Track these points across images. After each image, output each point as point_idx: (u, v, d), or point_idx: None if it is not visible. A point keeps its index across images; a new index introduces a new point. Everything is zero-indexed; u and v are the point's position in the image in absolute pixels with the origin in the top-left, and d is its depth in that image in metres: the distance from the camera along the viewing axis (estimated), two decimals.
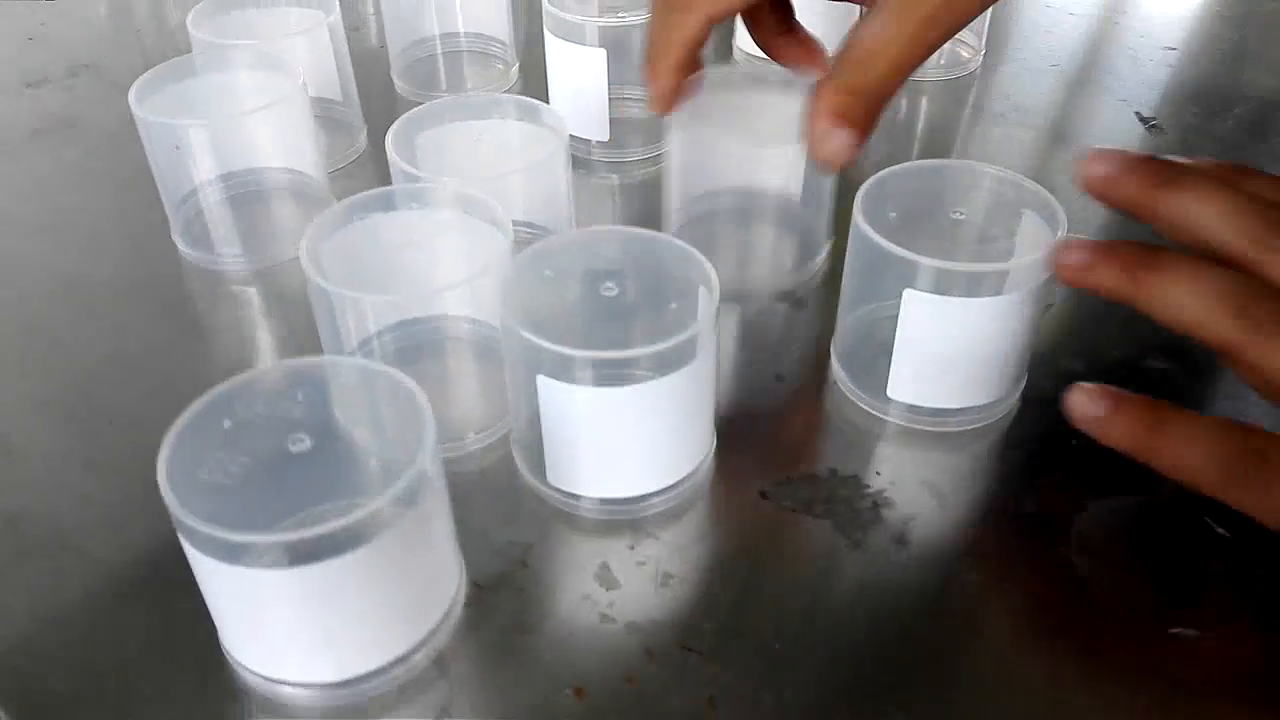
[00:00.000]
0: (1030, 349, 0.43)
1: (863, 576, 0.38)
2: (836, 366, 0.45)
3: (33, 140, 0.61)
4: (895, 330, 0.41)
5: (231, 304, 0.50)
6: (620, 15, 0.57)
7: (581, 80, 0.57)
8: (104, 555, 0.38)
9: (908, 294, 0.39)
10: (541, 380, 0.36)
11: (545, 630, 0.36)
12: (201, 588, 0.32)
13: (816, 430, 0.44)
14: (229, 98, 0.51)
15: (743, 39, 0.66)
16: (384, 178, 0.50)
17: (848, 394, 0.44)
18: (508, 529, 0.39)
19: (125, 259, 0.52)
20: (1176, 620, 0.36)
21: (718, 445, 0.42)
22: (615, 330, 0.38)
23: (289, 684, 0.33)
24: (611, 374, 0.36)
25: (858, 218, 0.41)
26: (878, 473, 0.41)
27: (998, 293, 0.39)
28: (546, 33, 0.57)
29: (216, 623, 0.34)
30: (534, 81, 0.65)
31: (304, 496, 0.31)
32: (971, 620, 0.36)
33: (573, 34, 0.56)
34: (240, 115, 0.50)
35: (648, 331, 0.38)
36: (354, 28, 0.72)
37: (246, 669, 0.34)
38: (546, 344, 0.35)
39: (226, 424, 0.33)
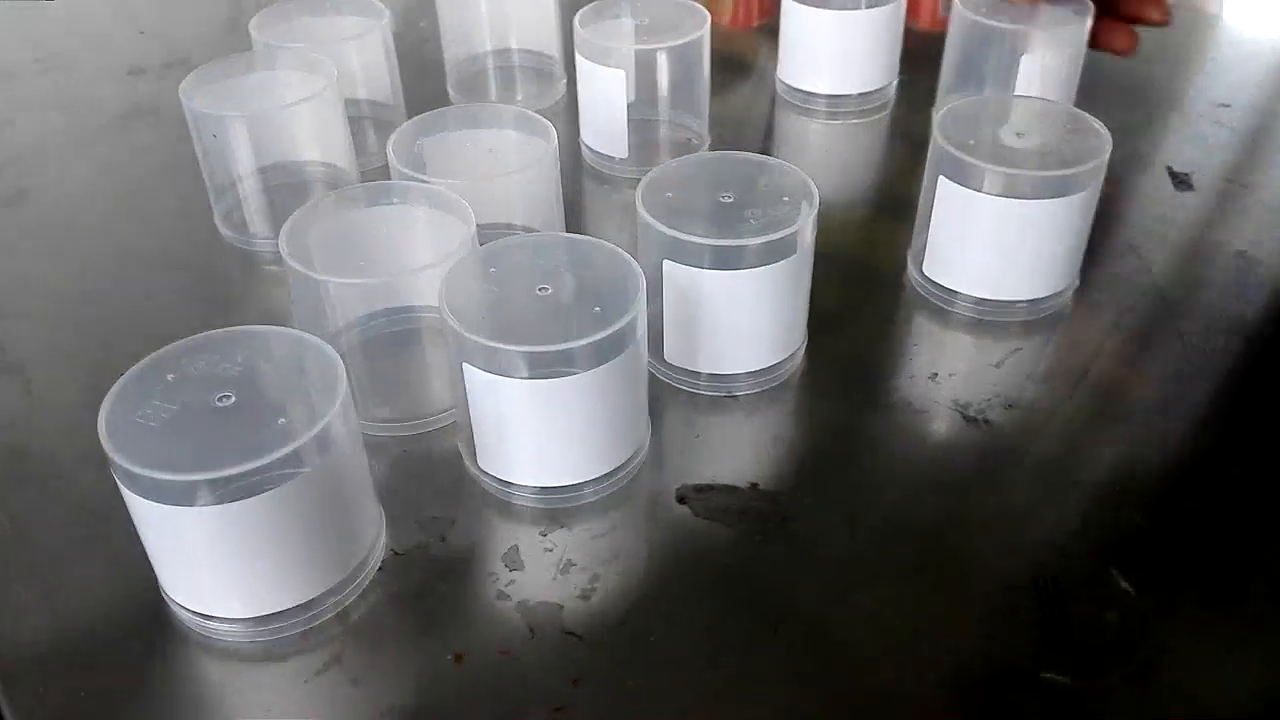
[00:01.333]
0: None
1: (754, 589, 0.39)
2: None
3: (121, 123, 0.68)
4: None
5: (258, 281, 0.55)
6: (644, 40, 0.60)
7: (604, 99, 0.60)
8: (87, 489, 0.43)
9: None
10: (468, 370, 0.39)
11: (444, 599, 0.39)
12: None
13: (749, 443, 0.45)
14: (269, 93, 0.56)
15: (785, 71, 0.68)
16: None
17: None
18: (436, 505, 0.42)
19: (171, 235, 0.58)
20: (1053, 666, 0.36)
21: (654, 445, 0.44)
22: (547, 326, 0.41)
23: (192, 612, 0.37)
24: (540, 368, 0.38)
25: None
26: (798, 492, 0.43)
27: None
28: (576, 53, 0.60)
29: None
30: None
31: (223, 446, 0.35)
32: (850, 636, 0.38)
33: (598, 55, 0.59)
34: (275, 108, 0.54)
35: (577, 329, 0.41)
36: (422, 40, 0.77)
37: (171, 600, 0.38)
38: (472, 335, 0.38)
39: (170, 377, 0.37)
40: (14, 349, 0.50)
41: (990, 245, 0.49)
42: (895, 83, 0.69)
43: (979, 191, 0.47)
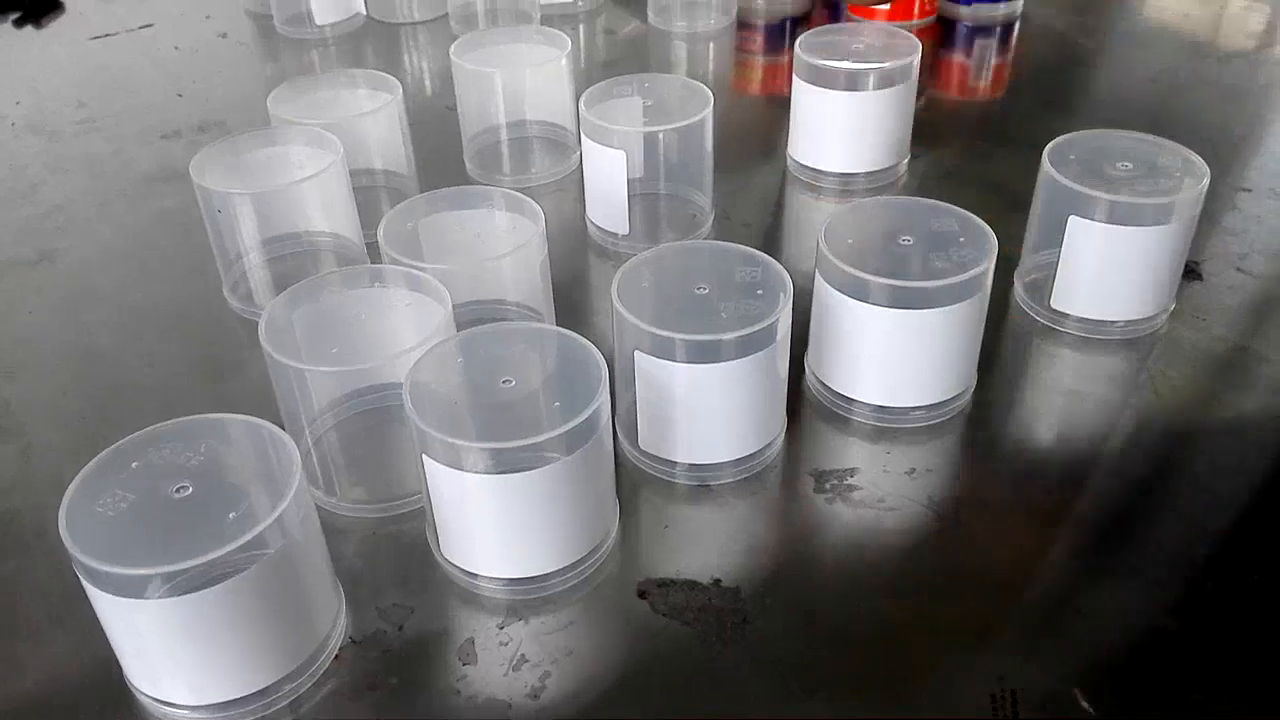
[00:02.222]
0: None
1: (704, 694, 0.39)
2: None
3: (146, 186, 0.70)
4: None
5: (258, 355, 0.56)
6: (650, 120, 0.61)
7: (607, 178, 0.61)
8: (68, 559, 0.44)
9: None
10: (428, 462, 0.40)
11: (395, 693, 0.39)
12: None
13: (718, 535, 0.45)
14: (277, 169, 0.58)
15: (796, 149, 0.68)
16: None
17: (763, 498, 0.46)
18: (399, 591, 0.43)
19: (179, 300, 0.60)
20: None
21: (622, 537, 0.44)
22: (508, 421, 0.41)
23: (149, 697, 0.38)
24: (499, 463, 0.39)
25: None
26: (760, 590, 0.42)
27: None
28: (581, 132, 0.61)
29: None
30: None
31: (177, 538, 0.36)
32: None
33: (601, 136, 0.60)
34: (279, 186, 0.56)
35: (538, 424, 0.41)
36: (449, 106, 0.78)
37: (130, 683, 0.39)
38: (431, 430, 0.39)
39: (134, 465, 0.38)
40: (19, 411, 0.52)
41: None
42: (906, 161, 0.68)
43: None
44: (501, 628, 0.41)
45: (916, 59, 0.64)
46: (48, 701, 0.39)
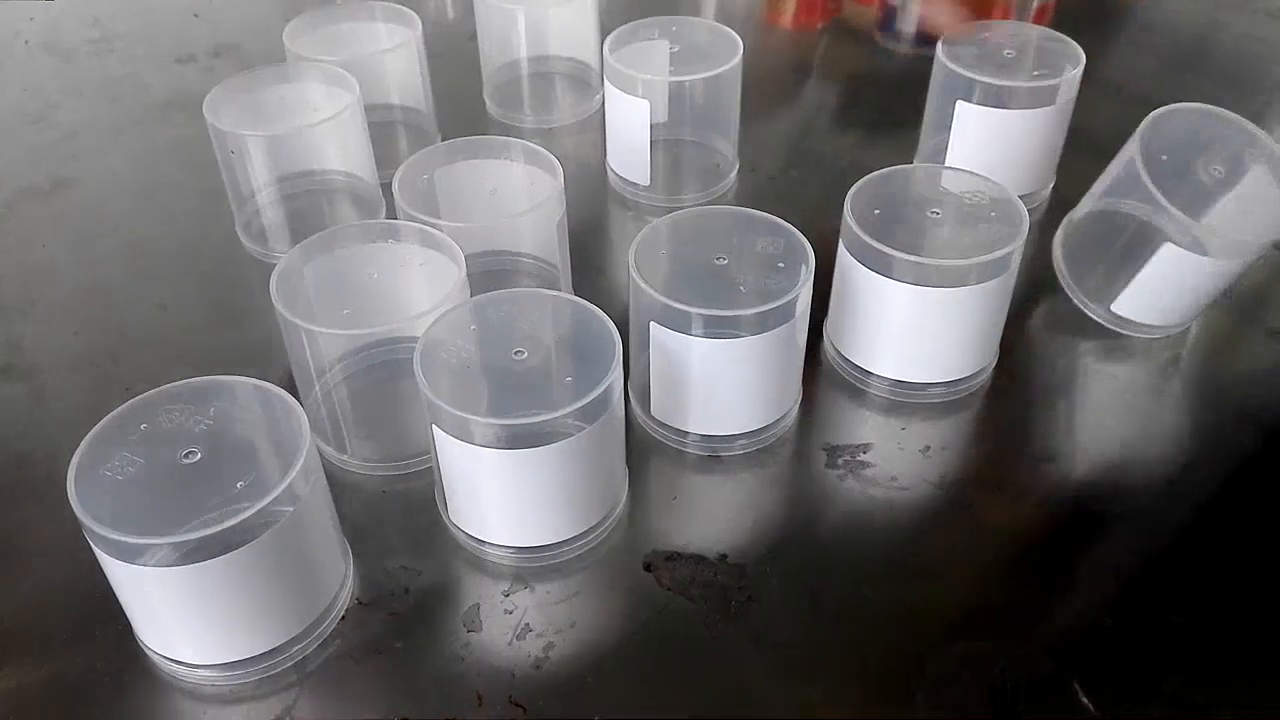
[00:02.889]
0: None
1: (704, 672, 0.39)
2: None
3: (161, 113, 0.69)
4: None
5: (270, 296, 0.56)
6: (676, 68, 0.59)
7: (629, 126, 0.59)
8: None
9: None
10: (438, 433, 0.40)
11: (400, 656, 0.40)
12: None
13: (726, 509, 0.45)
14: (292, 109, 0.56)
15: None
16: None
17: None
18: (406, 553, 0.43)
19: (193, 237, 0.59)
20: None
21: (631, 505, 0.44)
22: (520, 395, 0.41)
23: (157, 654, 0.38)
24: (510, 439, 0.39)
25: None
26: (766, 567, 0.42)
27: None
28: (605, 77, 0.59)
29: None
30: None
31: (184, 506, 0.36)
32: None
33: (625, 84, 0.58)
34: (295, 128, 0.55)
35: (550, 398, 0.41)
36: (469, 36, 0.76)
37: (141, 643, 0.39)
38: (442, 403, 0.39)
39: (143, 427, 0.38)
40: (32, 350, 0.52)
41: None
42: None
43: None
44: (507, 595, 0.42)
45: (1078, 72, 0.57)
46: (60, 655, 0.40)
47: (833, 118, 0.65)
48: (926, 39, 0.83)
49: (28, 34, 0.78)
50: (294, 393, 0.45)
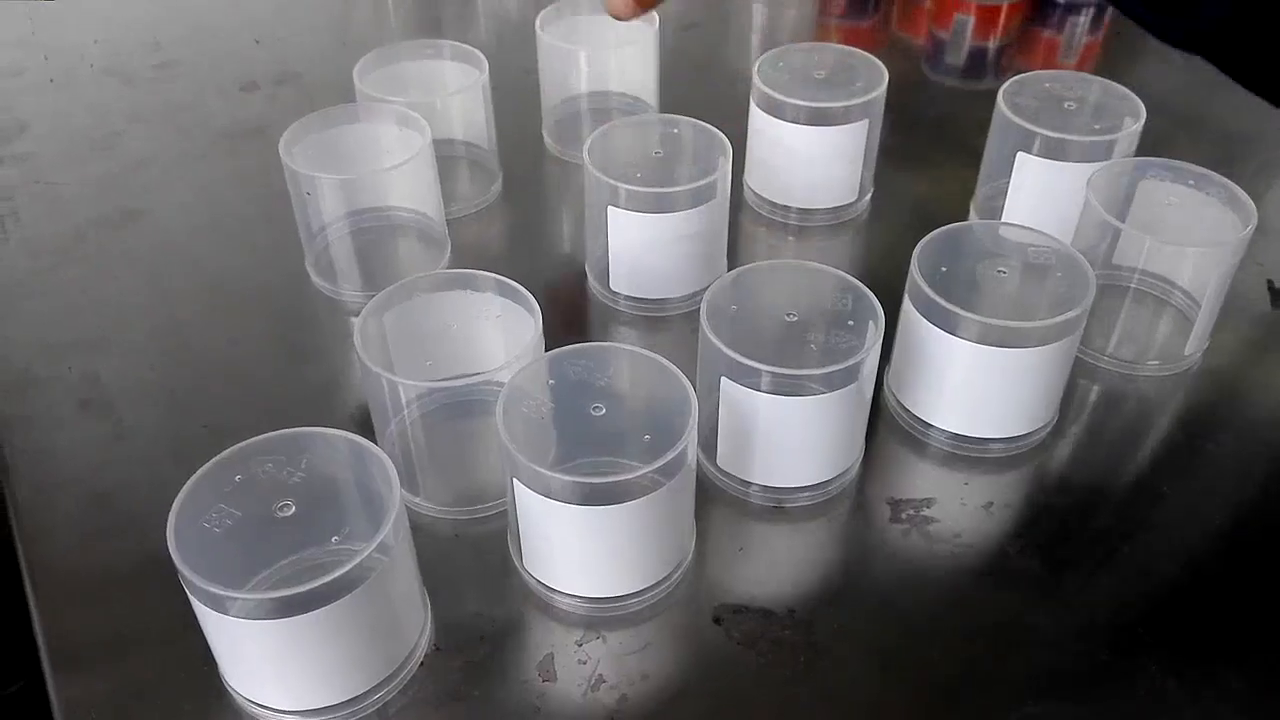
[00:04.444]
0: None
1: None
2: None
3: (228, 143, 0.70)
4: None
5: (340, 333, 0.57)
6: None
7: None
8: (160, 544, 0.45)
9: None
10: (518, 486, 0.41)
11: (477, 704, 0.41)
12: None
13: (792, 562, 0.46)
14: (366, 150, 0.57)
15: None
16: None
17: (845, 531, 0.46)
18: (481, 599, 0.44)
19: (262, 272, 0.60)
20: None
21: (698, 556, 0.45)
22: (599, 452, 0.42)
23: (243, 697, 0.40)
24: (589, 498, 0.40)
25: None
26: (833, 624, 0.43)
27: None
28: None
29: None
30: None
31: (278, 560, 0.37)
32: None
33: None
34: (370, 172, 0.56)
35: (628, 457, 0.42)
36: (526, 70, 0.77)
37: (227, 686, 0.40)
38: (525, 459, 0.40)
39: (237, 478, 0.39)
40: (110, 386, 0.53)
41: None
42: None
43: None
44: (580, 645, 0.43)
45: None
46: (149, 695, 0.41)
47: (887, 155, 0.66)
48: (974, 72, 0.84)
49: (91, 56, 0.79)
50: (369, 433, 0.47)
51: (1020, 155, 0.57)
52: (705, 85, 0.77)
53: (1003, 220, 0.59)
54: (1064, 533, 0.47)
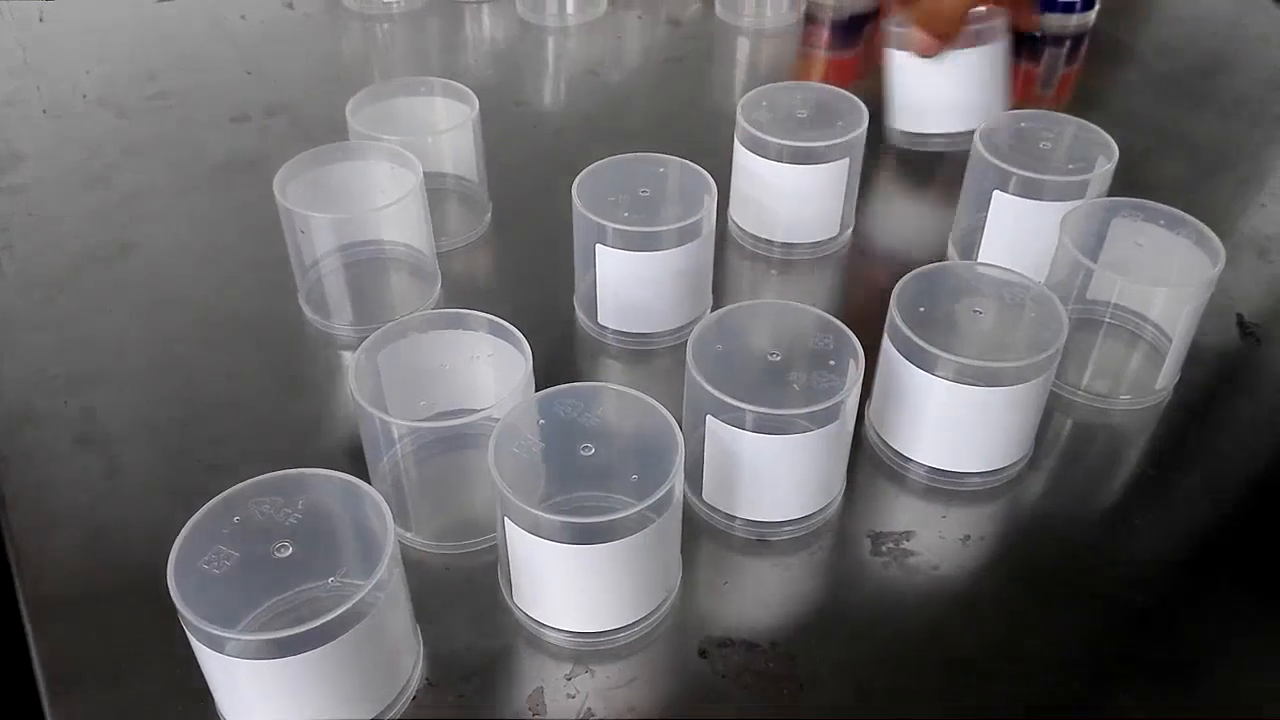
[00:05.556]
0: None
1: None
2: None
3: (221, 176, 0.71)
4: None
5: (332, 367, 0.58)
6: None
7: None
8: (155, 578, 0.46)
9: None
10: (509, 524, 0.42)
11: None
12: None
13: (776, 595, 0.47)
14: (359, 187, 0.59)
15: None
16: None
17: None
18: (471, 633, 0.45)
19: (256, 305, 0.61)
20: None
21: (684, 588, 0.46)
22: (587, 491, 0.43)
23: None
24: (580, 536, 0.41)
25: None
26: (815, 655, 0.44)
27: None
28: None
29: None
30: None
31: (274, 595, 0.38)
32: None
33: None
34: (363, 211, 0.57)
35: (616, 496, 0.43)
36: (514, 103, 0.79)
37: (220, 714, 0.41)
38: (516, 500, 0.41)
39: (235, 519, 0.40)
40: (104, 420, 0.54)
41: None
42: None
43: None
44: (569, 679, 0.44)
45: None
46: None
47: (869, 188, 0.67)
48: None
49: (85, 87, 0.80)
50: (361, 465, 0.48)
51: (996, 194, 0.59)
52: (691, 119, 0.79)
53: (979, 256, 0.61)
54: (1039, 564, 0.48)
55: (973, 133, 0.60)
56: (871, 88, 0.83)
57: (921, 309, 0.50)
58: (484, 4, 0.91)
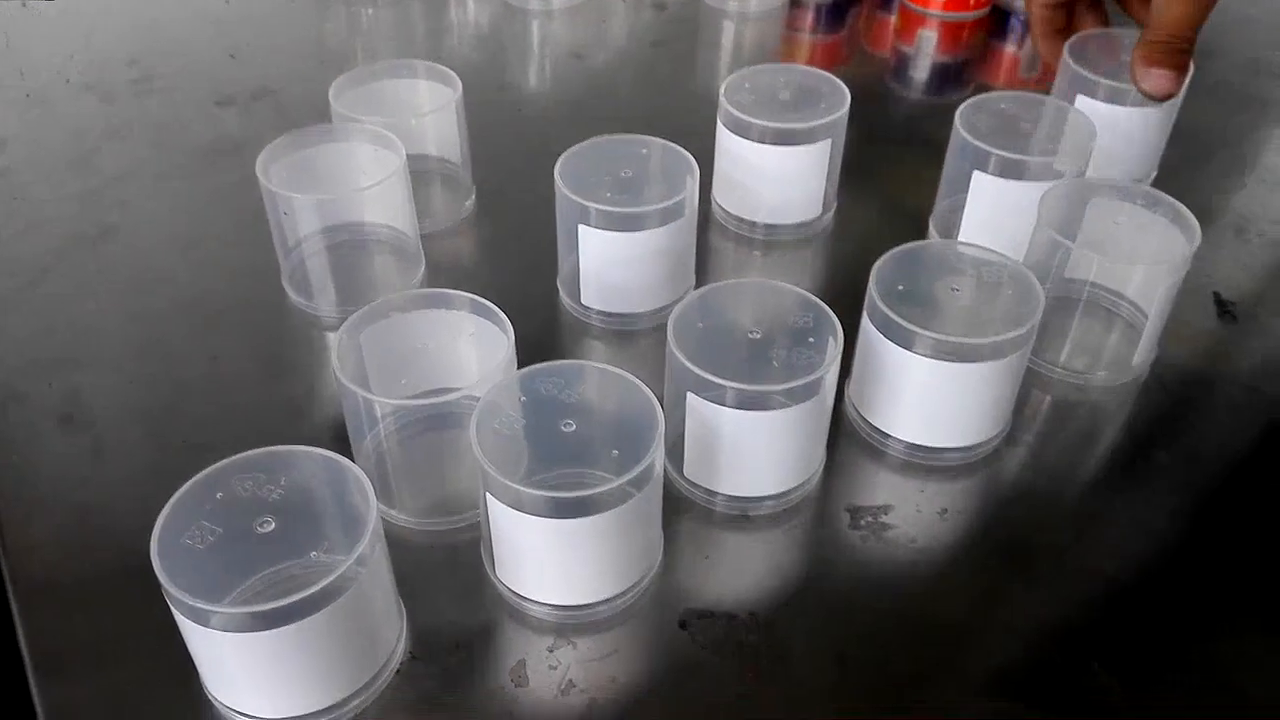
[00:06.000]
0: None
1: None
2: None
3: (205, 159, 0.71)
4: None
5: (317, 348, 0.59)
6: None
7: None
8: (142, 557, 0.47)
9: None
10: (491, 499, 0.42)
11: (452, 710, 0.42)
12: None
13: (755, 568, 0.48)
14: (342, 169, 0.59)
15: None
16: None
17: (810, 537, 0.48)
18: (455, 608, 0.46)
19: (239, 287, 0.61)
20: None
21: (666, 563, 0.47)
22: (569, 466, 0.44)
23: (224, 705, 0.41)
24: (560, 511, 0.41)
25: None
26: (794, 626, 0.45)
27: None
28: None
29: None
30: None
31: (258, 574, 0.39)
32: None
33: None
34: (346, 192, 0.57)
35: (597, 471, 0.44)
36: (498, 87, 0.79)
37: (208, 693, 0.42)
38: (498, 475, 0.41)
39: (219, 495, 0.40)
40: (89, 401, 0.54)
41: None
42: None
43: None
44: (551, 651, 0.44)
45: None
46: (130, 705, 0.42)
47: (851, 168, 0.68)
48: (937, 87, 0.86)
49: (69, 72, 0.80)
50: (345, 445, 0.48)
51: (976, 174, 0.59)
52: (675, 101, 0.79)
53: (960, 236, 0.61)
54: (1015, 537, 0.49)
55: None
56: (855, 71, 0.84)
57: (900, 287, 0.50)
58: None
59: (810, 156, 0.62)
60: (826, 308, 0.49)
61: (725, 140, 0.63)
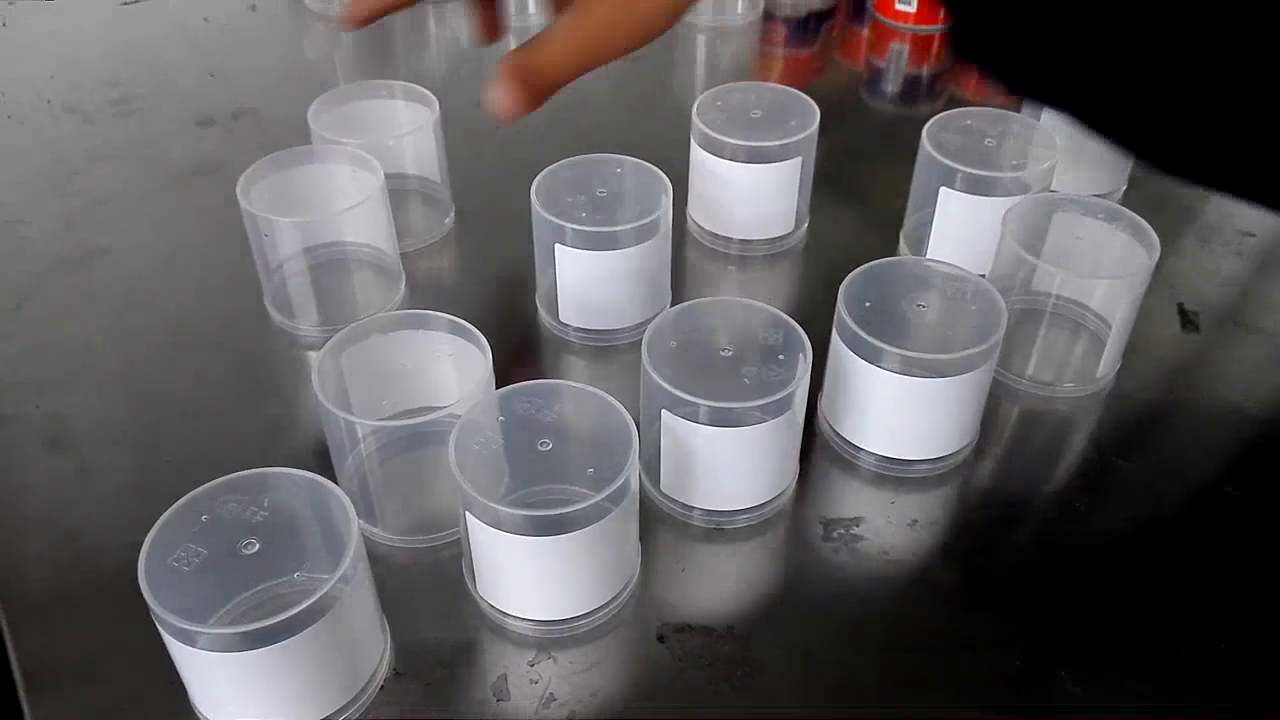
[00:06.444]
0: None
1: None
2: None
3: (186, 180, 0.72)
4: None
5: (299, 367, 0.60)
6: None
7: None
8: (127, 576, 0.47)
9: None
10: (470, 518, 0.43)
11: None
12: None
13: (731, 581, 0.49)
14: (321, 191, 0.60)
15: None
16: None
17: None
18: (437, 624, 0.47)
19: (222, 308, 0.62)
20: None
21: (643, 576, 0.48)
22: (546, 485, 0.45)
23: None
24: (538, 529, 0.42)
25: None
26: (768, 638, 0.46)
27: None
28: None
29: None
30: None
31: (243, 595, 0.40)
32: None
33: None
34: (326, 215, 0.58)
35: (574, 489, 0.45)
36: (477, 104, 0.80)
37: (195, 711, 0.43)
38: (475, 494, 0.42)
39: (204, 518, 0.41)
40: (75, 424, 0.55)
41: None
42: None
43: None
44: (532, 665, 0.45)
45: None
46: (116, 716, 0.43)
47: (823, 182, 0.69)
48: (909, 99, 0.87)
49: (49, 93, 0.81)
50: (327, 464, 0.49)
51: (943, 190, 0.60)
52: (651, 118, 0.81)
53: (928, 251, 0.63)
54: (983, 547, 0.50)
55: None
56: (828, 84, 0.85)
57: (868, 304, 0.51)
58: (447, 4, 0.92)
59: (781, 173, 0.63)
60: (796, 325, 0.50)
61: (699, 158, 0.64)
